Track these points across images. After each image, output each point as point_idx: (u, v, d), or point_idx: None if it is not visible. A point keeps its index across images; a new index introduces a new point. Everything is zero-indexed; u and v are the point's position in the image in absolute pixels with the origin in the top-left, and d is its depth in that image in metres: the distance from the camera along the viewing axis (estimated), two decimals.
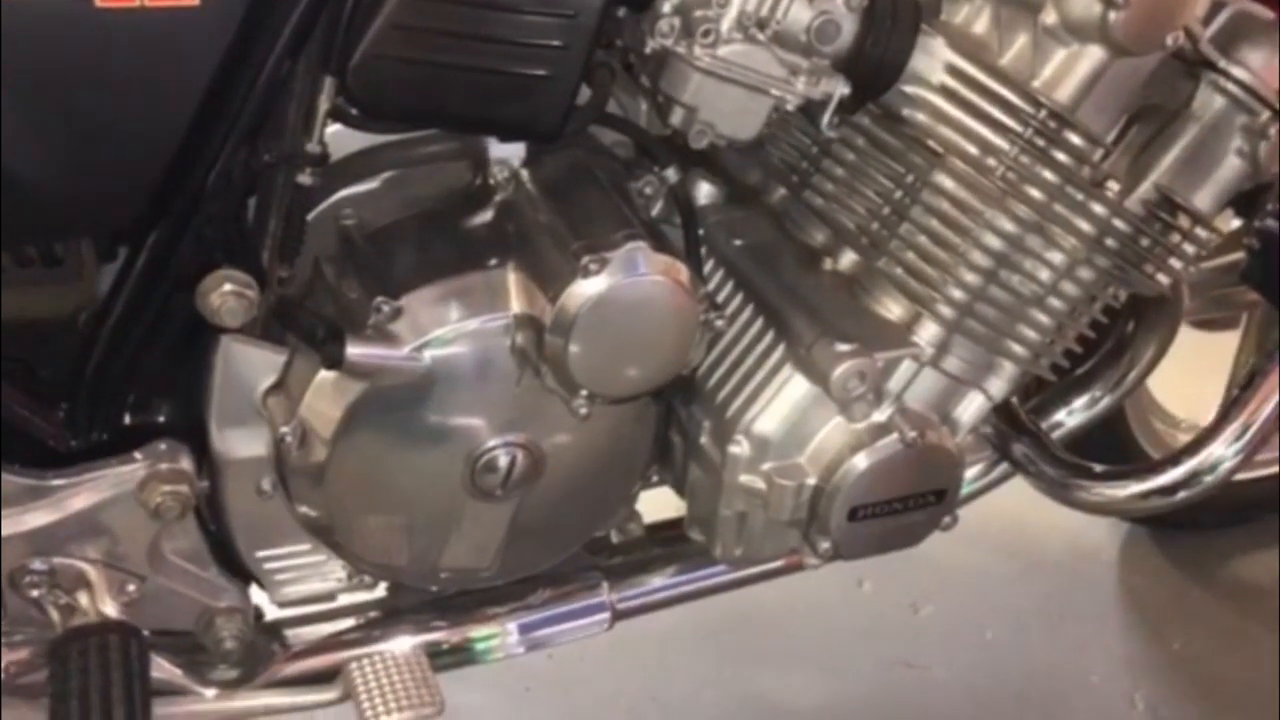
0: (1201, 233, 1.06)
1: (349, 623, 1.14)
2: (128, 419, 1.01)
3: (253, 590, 1.10)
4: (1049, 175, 1.00)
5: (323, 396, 0.98)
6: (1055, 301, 1.05)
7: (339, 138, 0.98)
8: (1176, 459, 1.19)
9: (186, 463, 1.00)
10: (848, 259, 1.08)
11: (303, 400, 0.98)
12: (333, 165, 0.97)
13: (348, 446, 0.99)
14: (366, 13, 0.88)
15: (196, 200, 0.92)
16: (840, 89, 0.96)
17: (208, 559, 1.05)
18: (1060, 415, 1.28)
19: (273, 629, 1.12)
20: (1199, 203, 1.06)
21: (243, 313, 0.94)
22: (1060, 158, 1.00)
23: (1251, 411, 1.17)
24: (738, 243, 1.11)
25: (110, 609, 0.97)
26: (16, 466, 0.96)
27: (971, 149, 0.99)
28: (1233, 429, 1.17)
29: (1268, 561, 1.82)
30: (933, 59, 0.98)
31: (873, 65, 0.96)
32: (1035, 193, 1.00)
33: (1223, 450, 1.17)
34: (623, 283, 0.94)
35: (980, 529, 1.25)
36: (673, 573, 1.21)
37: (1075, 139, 1.00)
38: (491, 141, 1.02)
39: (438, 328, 0.96)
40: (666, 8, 0.93)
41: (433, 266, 0.99)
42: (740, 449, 1.05)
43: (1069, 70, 0.99)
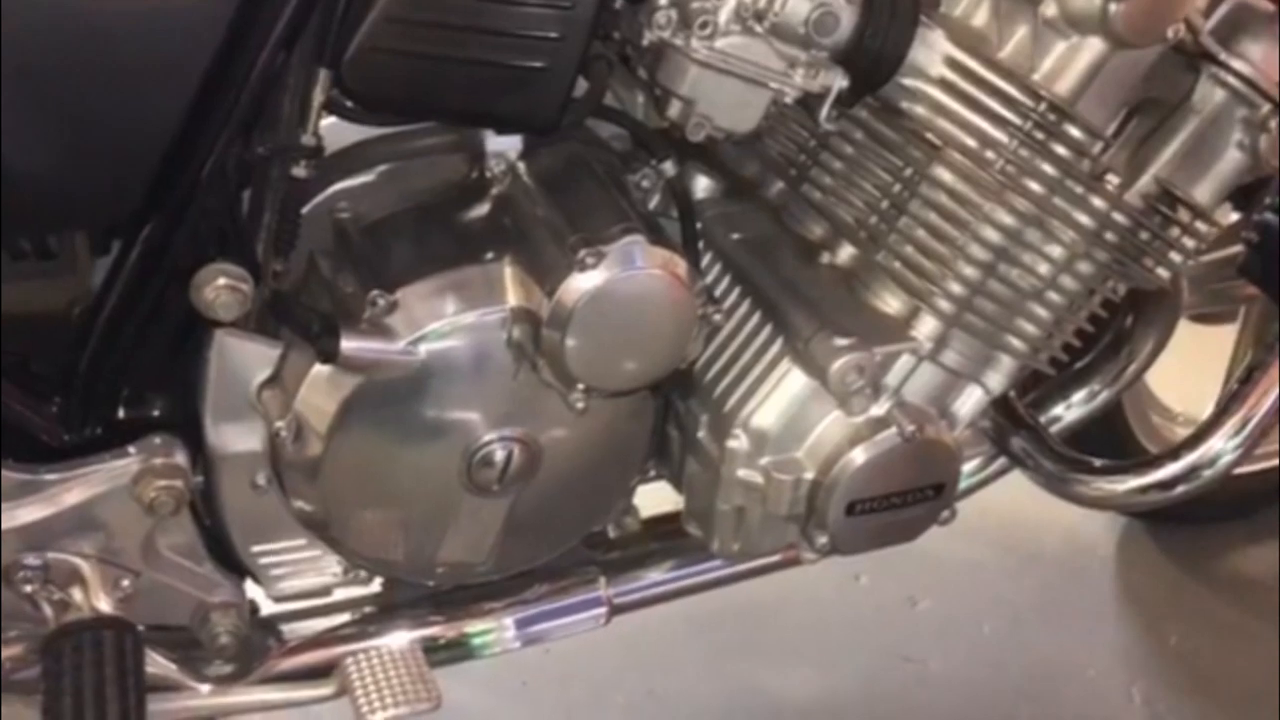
0: (1201, 226, 1.06)
1: (345, 618, 1.13)
2: (122, 413, 1.00)
3: (248, 585, 1.10)
4: (1048, 169, 1.00)
5: (318, 390, 0.97)
6: (1054, 295, 1.05)
7: (334, 130, 0.97)
8: (1175, 453, 1.19)
9: (181, 457, 0.99)
10: (846, 253, 1.08)
11: (298, 394, 0.97)
12: (328, 158, 0.96)
13: (343, 441, 0.98)
14: (361, 5, 0.88)
15: (191, 193, 0.91)
16: (839, 82, 0.96)
17: (202, 554, 1.05)
18: (1059, 409, 1.27)
19: (268, 624, 1.12)
20: (1199, 196, 1.05)
21: (237, 306, 0.93)
22: (1060, 151, 1.00)
23: (1251, 406, 1.16)
24: (735, 236, 1.11)
25: (104, 604, 0.96)
26: (9, 461, 0.96)
27: (970, 142, 0.99)
28: (1232, 423, 1.16)
29: (1266, 555, 1.81)
30: (932, 51, 0.97)
31: (871, 58, 0.95)
32: (1034, 186, 1.00)
33: (1222, 444, 1.17)
34: (620, 276, 0.94)
35: (977, 523, 1.24)
36: (670, 567, 1.21)
37: (1075, 132, 1.00)
38: (488, 134, 1.01)
39: (433, 321, 0.96)
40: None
41: (429, 260, 0.98)
42: (738, 443, 1.04)
43: (1069, 63, 0.98)
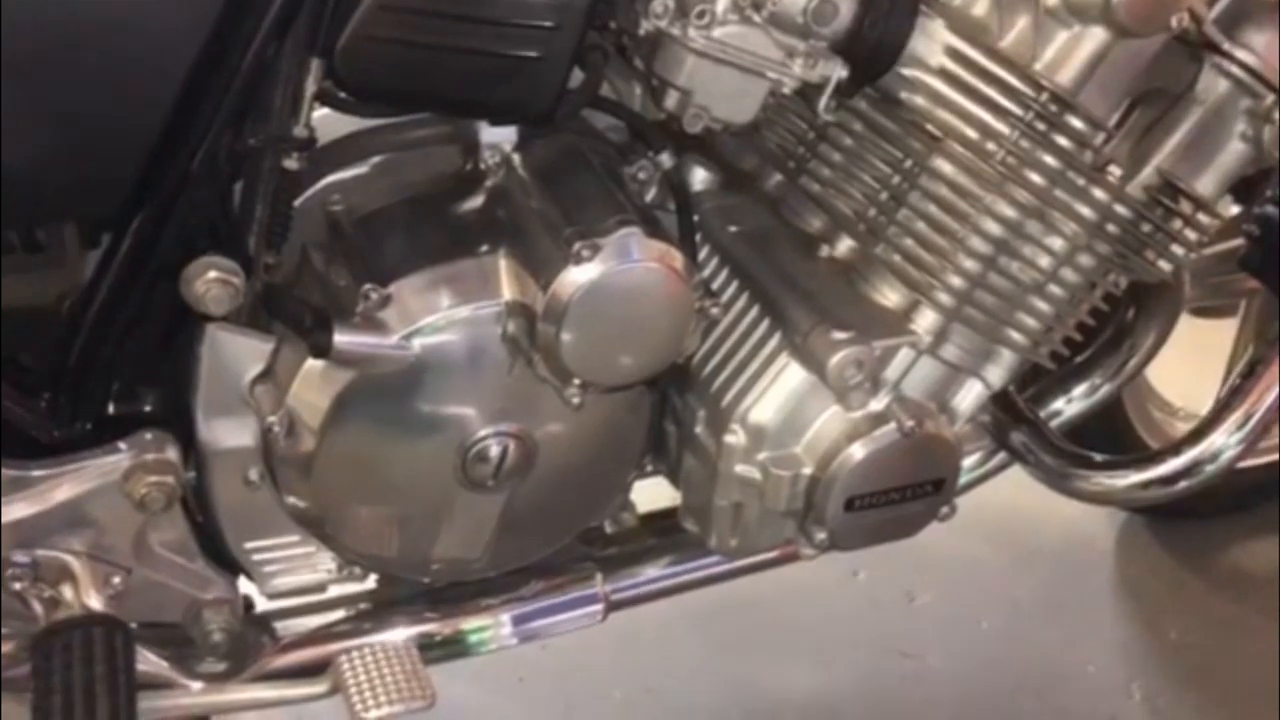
0: (1204, 218, 1.05)
1: (339, 614, 1.13)
2: (112, 408, 1.00)
3: (241, 581, 1.09)
4: (1050, 160, 0.99)
5: (310, 386, 0.96)
6: (1055, 289, 1.04)
7: (327, 122, 0.97)
8: (1177, 448, 1.18)
9: (172, 453, 0.99)
10: (845, 245, 1.07)
11: (290, 389, 0.97)
12: (321, 150, 0.96)
13: (336, 436, 0.98)
14: None
15: (181, 185, 0.90)
16: (838, 72, 0.95)
17: (195, 550, 1.04)
18: (1059, 403, 1.26)
19: (261, 621, 1.11)
20: (1202, 188, 1.04)
21: (228, 300, 0.93)
22: (1061, 142, 0.99)
23: (1253, 400, 1.16)
24: (733, 229, 1.10)
25: (95, 602, 0.96)
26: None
27: (971, 133, 0.98)
28: (1234, 418, 1.16)
29: (1266, 550, 1.81)
30: (932, 41, 0.97)
31: (871, 47, 0.95)
32: (1036, 178, 0.99)
33: (1224, 440, 1.16)
34: (616, 269, 0.93)
35: (976, 518, 1.24)
36: (667, 563, 1.20)
37: (1077, 123, 0.99)
38: (483, 126, 1.00)
39: (428, 315, 0.95)
40: None
41: (422, 253, 0.97)
42: (736, 438, 1.04)
43: (1071, 53, 0.97)
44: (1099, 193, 1.01)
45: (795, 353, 1.02)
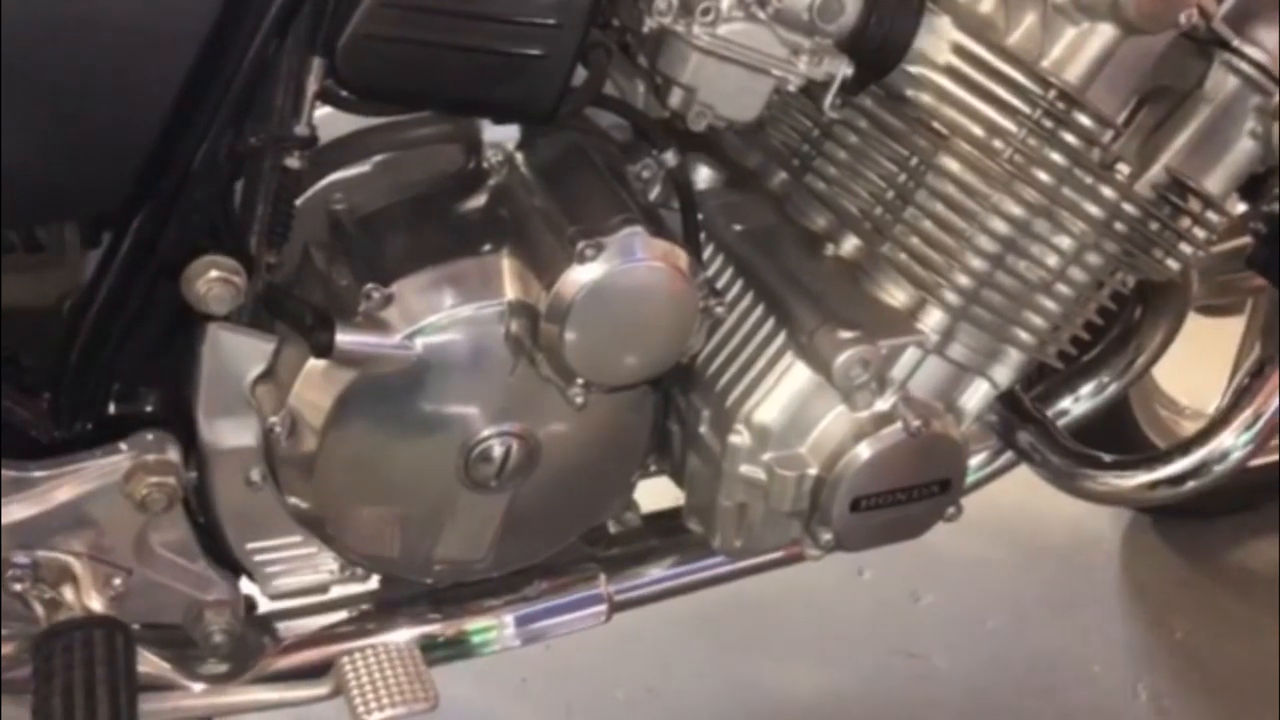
0: (1212, 217, 1.04)
1: (342, 615, 1.12)
2: (113, 408, 0.99)
3: (243, 582, 1.08)
4: (1057, 158, 0.98)
5: (312, 385, 0.96)
6: (1063, 287, 1.03)
7: (329, 120, 0.96)
8: (1186, 448, 1.18)
9: (173, 453, 0.98)
10: (850, 244, 1.06)
11: (292, 389, 0.96)
12: (322, 149, 0.95)
13: (338, 436, 0.97)
14: None
15: (182, 184, 0.90)
16: (843, 69, 0.95)
17: (196, 551, 1.04)
18: (1066, 403, 1.26)
19: (263, 622, 1.11)
20: (1210, 186, 1.04)
21: (230, 300, 0.92)
22: (1069, 140, 0.98)
23: (1262, 400, 1.15)
24: (738, 227, 1.10)
25: (96, 603, 0.95)
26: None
27: (978, 131, 0.98)
28: (1243, 418, 1.15)
29: (1272, 550, 1.81)
30: (938, 38, 0.96)
31: (876, 45, 0.94)
32: (1043, 176, 0.98)
33: (1233, 440, 1.15)
34: (619, 268, 0.93)
35: (981, 517, 1.23)
36: (671, 564, 1.20)
37: (1084, 120, 0.98)
38: (485, 124, 1.00)
39: (430, 315, 0.94)
40: None
41: (425, 252, 0.97)
42: (740, 438, 1.03)
43: (1078, 49, 0.96)
44: (1107, 191, 1.00)
45: (800, 352, 1.01)
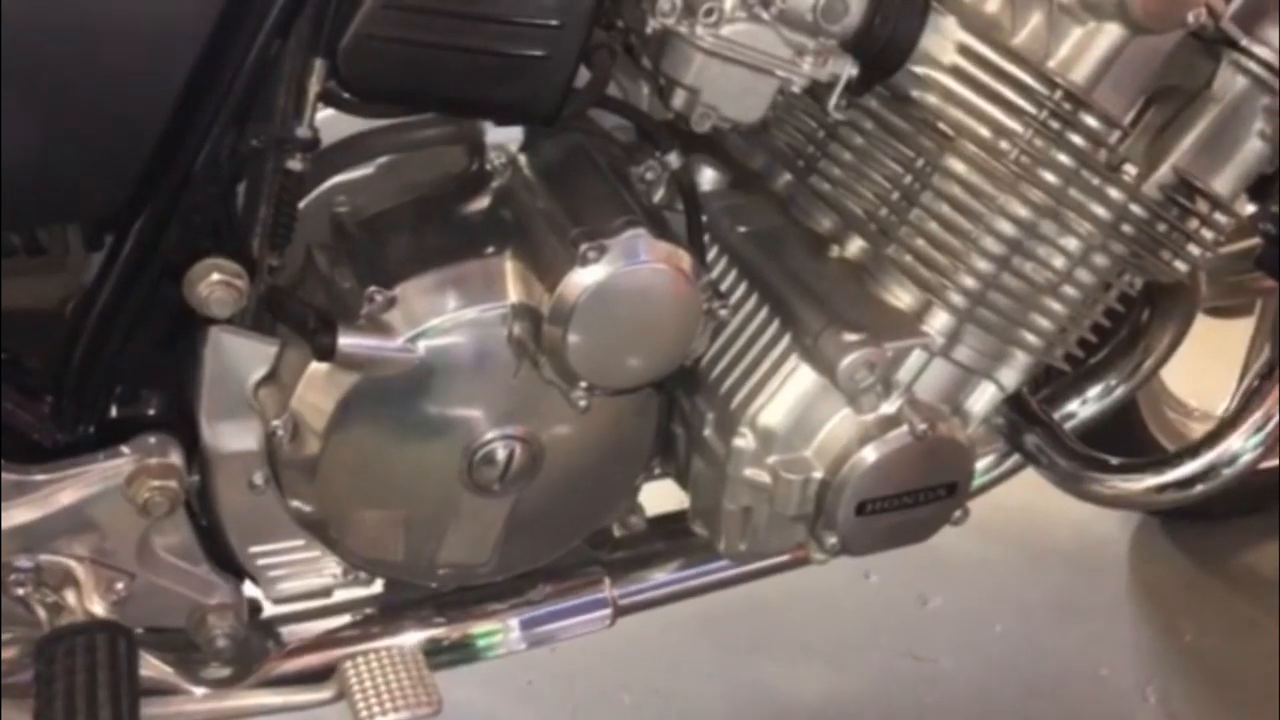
0: (1221, 218, 1.04)
1: (345, 619, 1.12)
2: (115, 412, 0.99)
3: (246, 585, 1.08)
4: (1064, 159, 0.98)
5: (315, 388, 0.96)
6: (1070, 289, 1.03)
7: (332, 122, 0.96)
8: (1194, 451, 1.17)
9: (176, 457, 0.98)
10: (856, 246, 1.06)
11: (295, 392, 0.96)
12: (325, 151, 0.95)
13: (341, 440, 0.97)
14: None
15: (183, 186, 0.89)
16: (848, 70, 0.94)
17: (199, 555, 1.03)
18: (1073, 405, 1.25)
19: (267, 626, 1.10)
20: (1219, 186, 1.03)
21: (232, 303, 0.92)
22: (1076, 140, 0.98)
23: (1272, 402, 1.14)
24: (742, 229, 1.09)
25: (98, 607, 0.95)
26: (1, 461, 0.94)
27: (984, 132, 0.97)
28: (1253, 420, 1.14)
29: None
30: (944, 38, 0.96)
31: (881, 45, 0.94)
32: (1049, 177, 0.98)
33: (1242, 443, 1.15)
34: (622, 271, 0.92)
35: (989, 520, 1.23)
36: (676, 567, 1.19)
37: (1091, 121, 0.98)
38: (488, 126, 1.00)
39: (433, 317, 0.94)
40: None
41: (428, 254, 0.96)
42: (744, 442, 1.03)
43: (1085, 49, 0.96)
44: (1114, 192, 1.00)
45: (805, 355, 1.01)
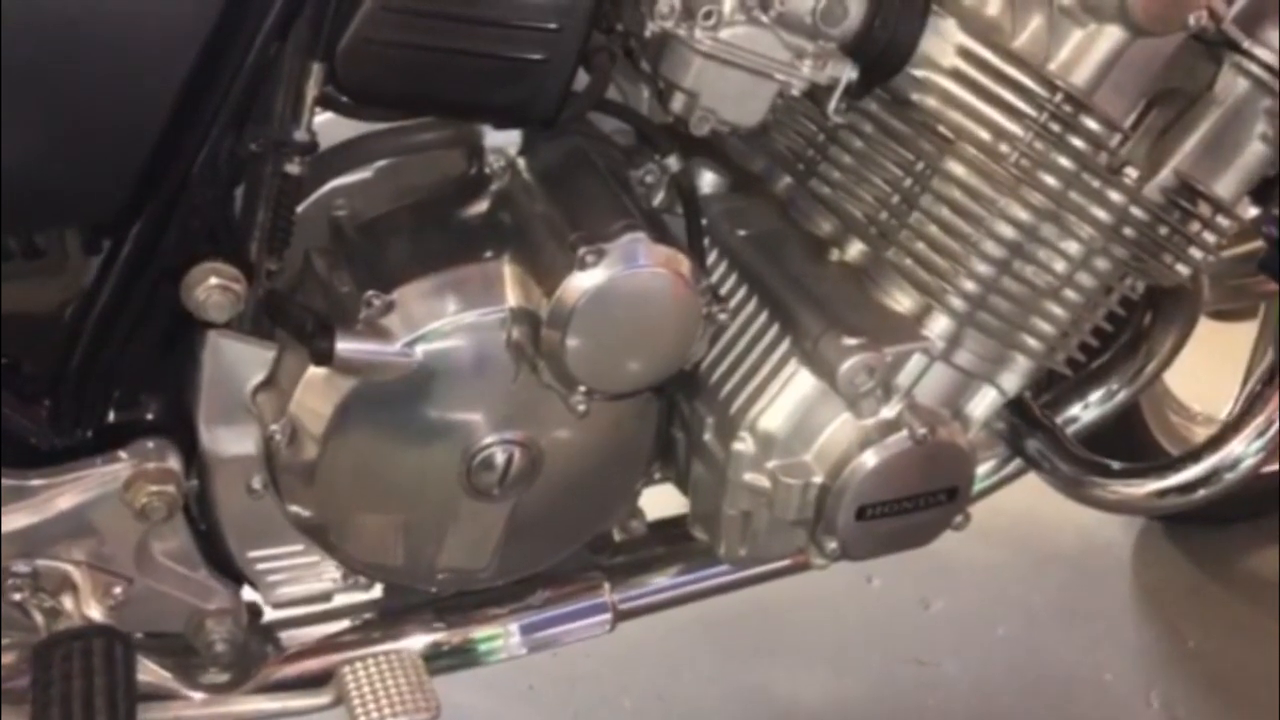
0: (1223, 221, 1.03)
1: (345, 624, 1.11)
2: (113, 416, 0.99)
3: (246, 590, 1.08)
4: (1064, 162, 0.97)
5: (313, 393, 0.95)
6: (1071, 293, 1.02)
7: (330, 126, 0.96)
8: (1196, 455, 1.16)
9: (174, 461, 0.98)
10: (855, 249, 1.05)
11: (293, 397, 0.96)
12: (323, 154, 0.95)
13: (339, 444, 0.97)
14: None
15: (181, 190, 0.90)
16: (847, 73, 0.94)
17: (198, 560, 1.03)
18: (1075, 410, 1.24)
19: (266, 631, 1.10)
20: (1220, 190, 1.03)
21: (229, 307, 0.92)
22: (1076, 143, 0.97)
23: (1275, 407, 1.14)
24: (742, 233, 1.09)
25: (95, 612, 0.95)
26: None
27: (984, 135, 0.97)
28: (1255, 425, 1.14)
29: None
30: (943, 41, 0.95)
31: (881, 48, 0.93)
32: (1050, 180, 0.97)
33: (1244, 447, 1.14)
34: (621, 274, 0.92)
35: (991, 523, 1.23)
36: (676, 572, 1.19)
37: (1092, 124, 0.97)
38: (487, 129, 1.00)
39: (431, 322, 0.94)
40: None
41: (426, 258, 0.96)
42: (744, 446, 1.02)
43: (1086, 52, 0.95)
44: (1115, 195, 0.99)
45: (805, 359, 1.01)
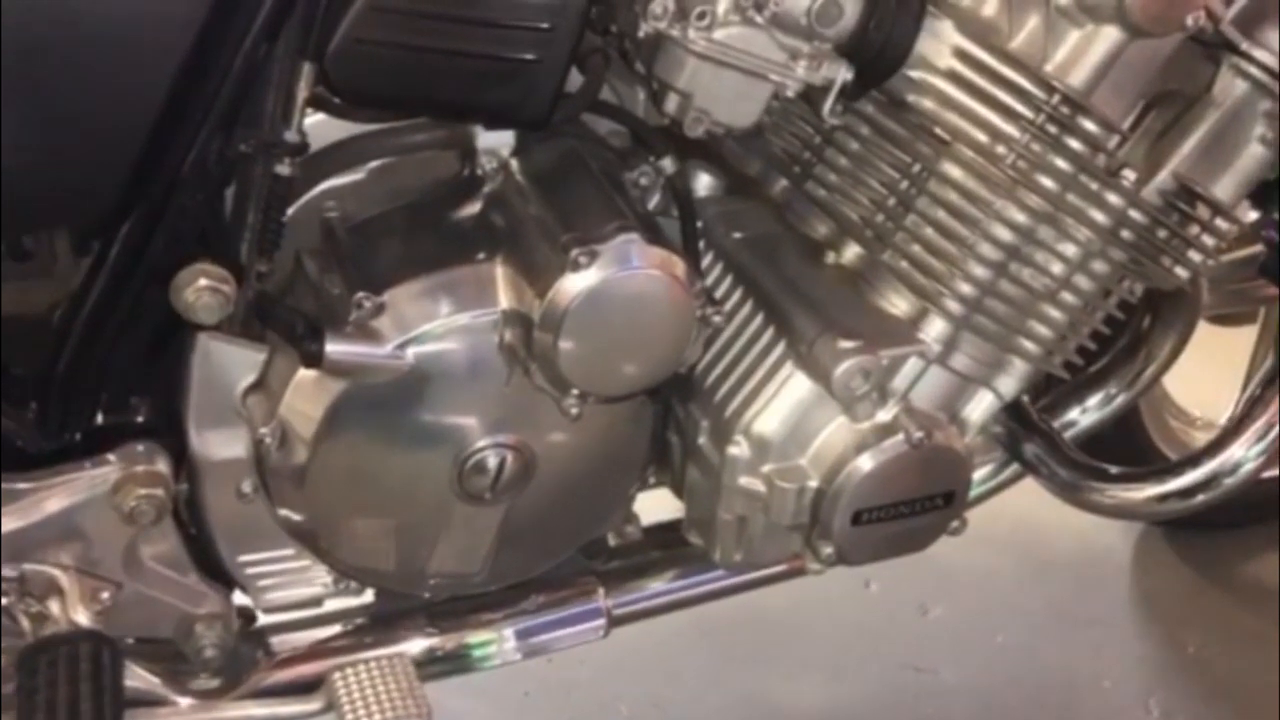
0: (1222, 224, 1.03)
1: (336, 629, 1.11)
2: (102, 419, 0.98)
3: (236, 595, 1.07)
4: (1062, 164, 0.97)
5: (303, 396, 0.95)
6: (1068, 296, 1.02)
7: (321, 127, 0.95)
8: (1196, 460, 1.16)
9: (163, 465, 0.97)
10: (851, 252, 1.05)
11: (283, 399, 0.95)
12: (314, 155, 0.95)
13: (330, 448, 0.96)
14: None
15: (171, 191, 0.89)
16: (842, 74, 0.94)
17: (187, 564, 1.03)
18: (1073, 414, 1.24)
19: (256, 636, 1.10)
20: (1219, 192, 1.02)
21: (219, 309, 0.91)
22: (1074, 145, 0.97)
23: (1274, 411, 1.13)
24: (737, 235, 1.08)
25: (82, 617, 0.94)
26: None
27: (980, 136, 0.96)
28: (1255, 429, 1.13)
29: None
30: (939, 42, 0.95)
31: (876, 49, 0.93)
32: (1047, 182, 0.97)
33: (1244, 452, 1.13)
34: (614, 276, 0.91)
35: (990, 529, 1.22)
36: (671, 577, 1.19)
37: (1090, 125, 0.97)
38: (480, 131, 0.99)
39: (422, 324, 0.93)
40: None
41: (418, 260, 0.96)
42: (739, 450, 1.02)
43: (1083, 53, 0.95)
44: (1113, 197, 0.99)
45: (800, 362, 1.00)
